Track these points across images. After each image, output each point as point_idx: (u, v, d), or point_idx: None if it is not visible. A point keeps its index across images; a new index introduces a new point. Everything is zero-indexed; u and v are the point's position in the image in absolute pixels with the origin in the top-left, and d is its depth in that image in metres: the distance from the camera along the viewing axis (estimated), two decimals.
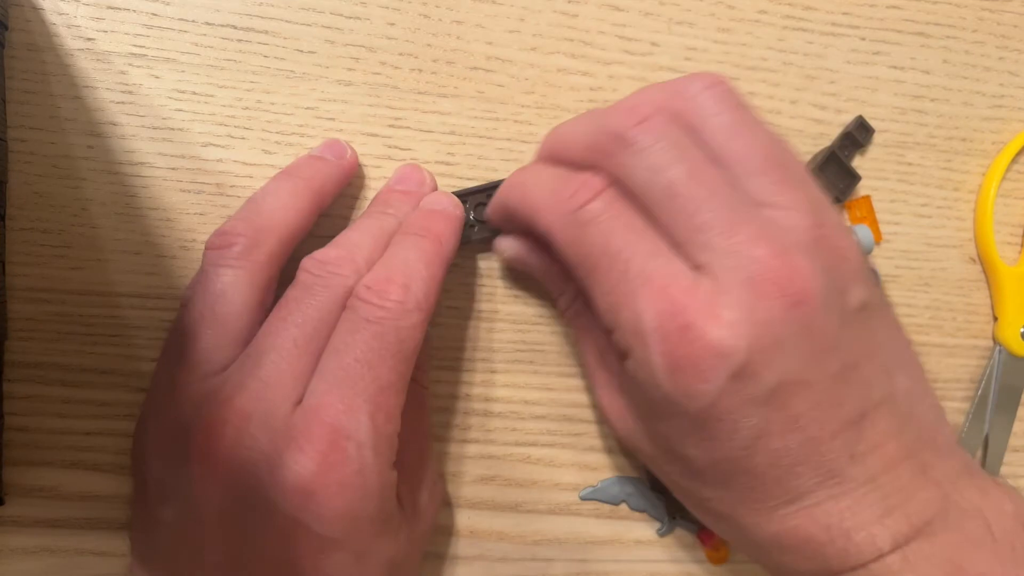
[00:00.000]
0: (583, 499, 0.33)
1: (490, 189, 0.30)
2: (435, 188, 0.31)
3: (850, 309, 0.24)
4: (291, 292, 0.26)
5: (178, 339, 0.27)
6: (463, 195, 0.30)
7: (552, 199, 0.26)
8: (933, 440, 0.25)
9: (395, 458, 0.25)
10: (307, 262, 0.26)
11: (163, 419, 0.26)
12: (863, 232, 0.33)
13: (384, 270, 0.26)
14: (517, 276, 0.32)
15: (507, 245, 0.30)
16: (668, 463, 0.27)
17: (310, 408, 0.24)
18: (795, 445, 0.23)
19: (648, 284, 0.23)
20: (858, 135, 0.34)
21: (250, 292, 0.26)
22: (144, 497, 0.27)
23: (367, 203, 0.31)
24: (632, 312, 0.23)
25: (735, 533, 0.26)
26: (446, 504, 0.32)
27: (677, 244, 0.24)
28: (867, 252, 0.33)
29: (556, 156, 0.28)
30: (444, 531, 0.32)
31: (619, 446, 0.33)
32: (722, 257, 0.23)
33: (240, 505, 0.24)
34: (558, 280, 0.30)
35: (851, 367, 0.24)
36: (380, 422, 0.24)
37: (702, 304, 0.22)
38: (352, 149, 0.30)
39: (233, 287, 0.26)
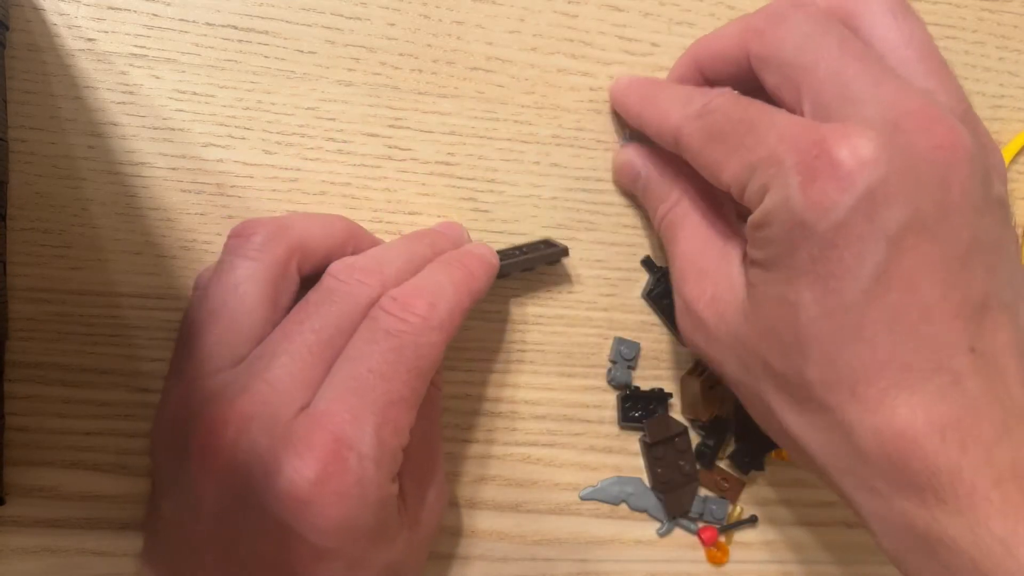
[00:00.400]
0: (583, 499, 0.33)
1: (520, 255, 0.31)
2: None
3: (992, 196, 0.23)
4: (312, 295, 0.26)
5: (189, 330, 0.26)
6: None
7: (681, 104, 0.28)
8: None
9: (397, 470, 0.25)
10: (335, 267, 0.26)
11: (169, 411, 0.26)
12: None
13: (412, 286, 0.25)
14: (517, 276, 0.32)
15: (624, 151, 0.32)
16: (768, 346, 0.24)
17: (315, 414, 0.23)
18: (915, 307, 0.22)
19: (782, 129, 0.23)
20: None
21: (265, 287, 0.25)
22: (152, 489, 0.27)
23: (365, 203, 0.31)
24: (768, 151, 0.23)
25: (829, 438, 0.23)
26: (449, 504, 0.32)
27: (820, 110, 0.24)
28: None
29: (701, 56, 0.29)
30: (444, 531, 0.32)
31: (619, 444, 0.33)
32: (869, 105, 0.23)
33: (236, 504, 0.23)
34: (662, 187, 0.30)
35: (982, 250, 0.22)
36: (386, 435, 0.23)
37: (838, 130, 0.22)
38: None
39: (248, 280, 0.25)
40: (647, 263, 0.33)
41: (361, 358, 0.24)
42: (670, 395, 0.33)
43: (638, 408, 0.33)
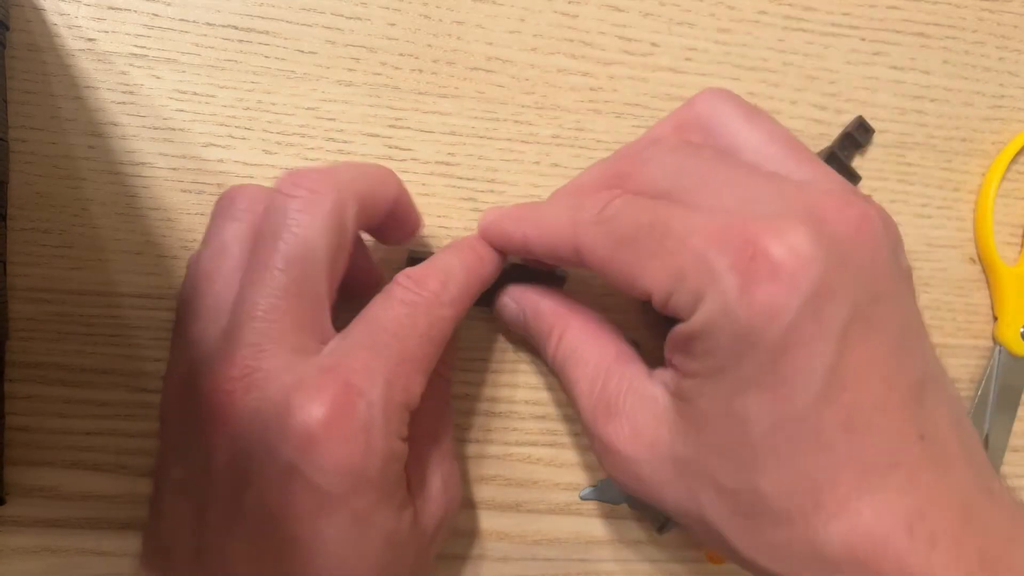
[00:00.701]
0: (583, 499, 0.33)
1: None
2: None
3: (903, 269, 0.23)
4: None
5: (185, 294, 0.26)
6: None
7: (571, 212, 0.25)
8: (983, 460, 0.23)
9: (406, 434, 0.25)
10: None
11: (175, 377, 0.26)
12: None
13: (425, 266, 0.26)
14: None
15: (500, 297, 0.30)
16: (716, 464, 0.23)
17: (327, 362, 0.23)
18: (867, 403, 0.21)
19: (703, 229, 0.22)
20: (858, 135, 0.34)
21: (249, 245, 0.26)
22: (159, 463, 0.26)
23: None
24: (694, 254, 0.22)
25: (791, 552, 0.22)
26: (460, 506, 0.32)
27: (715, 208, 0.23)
28: None
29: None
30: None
31: None
32: (772, 201, 0.22)
33: (246, 458, 0.23)
34: (540, 325, 0.29)
35: (909, 328, 0.22)
36: (396, 391, 0.24)
37: (768, 227, 0.21)
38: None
39: (234, 240, 0.26)
40: None
41: (375, 319, 0.24)
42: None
43: None
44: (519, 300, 0.30)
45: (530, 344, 0.33)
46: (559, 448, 0.33)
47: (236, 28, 0.30)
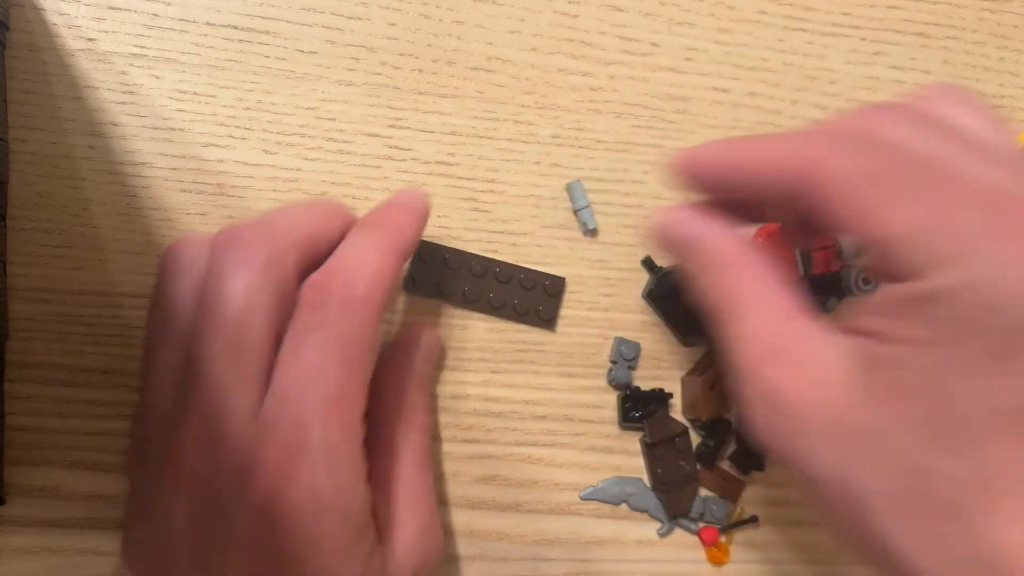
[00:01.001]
0: (583, 499, 0.33)
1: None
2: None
3: None
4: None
5: (143, 361, 0.26)
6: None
7: (811, 138, 0.23)
8: None
9: (363, 469, 0.24)
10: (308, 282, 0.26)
11: (137, 441, 0.26)
12: None
13: (326, 268, 0.25)
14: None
15: (667, 209, 0.27)
16: (907, 438, 0.21)
17: (264, 427, 0.23)
18: None
19: (975, 186, 0.20)
20: None
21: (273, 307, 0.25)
22: (126, 517, 0.27)
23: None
24: (961, 210, 0.20)
25: (950, 549, 0.20)
26: (445, 504, 0.32)
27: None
28: None
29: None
30: (447, 531, 0.32)
31: (619, 444, 0.33)
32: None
33: (207, 522, 0.24)
34: (717, 246, 0.25)
35: None
36: (333, 435, 0.23)
37: None
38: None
39: (180, 299, 0.25)
40: (647, 263, 0.33)
41: (292, 364, 0.23)
42: (670, 395, 0.33)
43: (638, 408, 0.33)
44: (693, 215, 0.26)
45: (530, 343, 0.33)
46: (559, 448, 0.33)
47: (236, 28, 0.30)
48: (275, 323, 0.24)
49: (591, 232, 0.33)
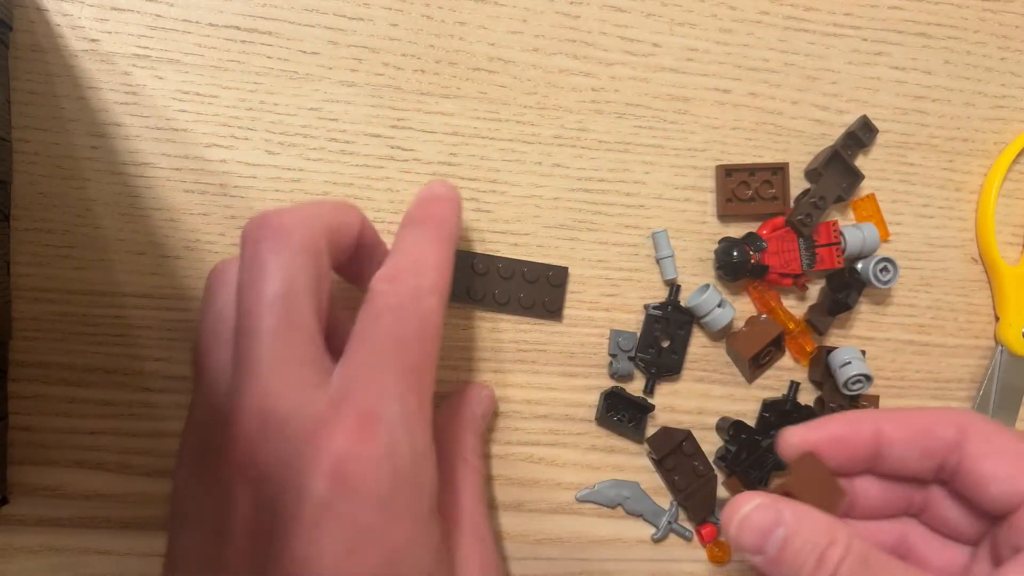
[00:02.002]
0: (579, 501, 0.33)
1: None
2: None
3: None
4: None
5: (194, 367, 0.26)
6: None
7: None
8: None
9: (434, 453, 0.24)
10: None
11: (189, 445, 0.25)
12: (869, 230, 0.33)
13: (394, 261, 0.25)
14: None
15: (748, 499, 0.25)
16: None
17: (336, 395, 0.23)
18: None
19: None
20: (861, 135, 0.34)
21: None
22: (170, 535, 0.25)
23: (368, 203, 0.31)
24: None
25: None
26: None
27: None
28: (873, 249, 0.33)
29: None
30: None
31: (621, 444, 0.33)
32: None
33: (270, 504, 0.22)
34: (817, 533, 0.24)
35: None
36: (411, 405, 0.23)
37: None
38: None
39: (227, 306, 0.25)
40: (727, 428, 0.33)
41: (368, 336, 0.24)
42: (653, 407, 0.33)
43: (619, 412, 0.33)
44: (780, 506, 0.24)
45: (531, 343, 0.33)
46: (560, 448, 0.33)
47: (239, 29, 0.30)
48: (316, 304, 0.24)
49: (670, 282, 0.33)
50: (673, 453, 0.33)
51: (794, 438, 0.27)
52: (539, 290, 0.32)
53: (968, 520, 0.27)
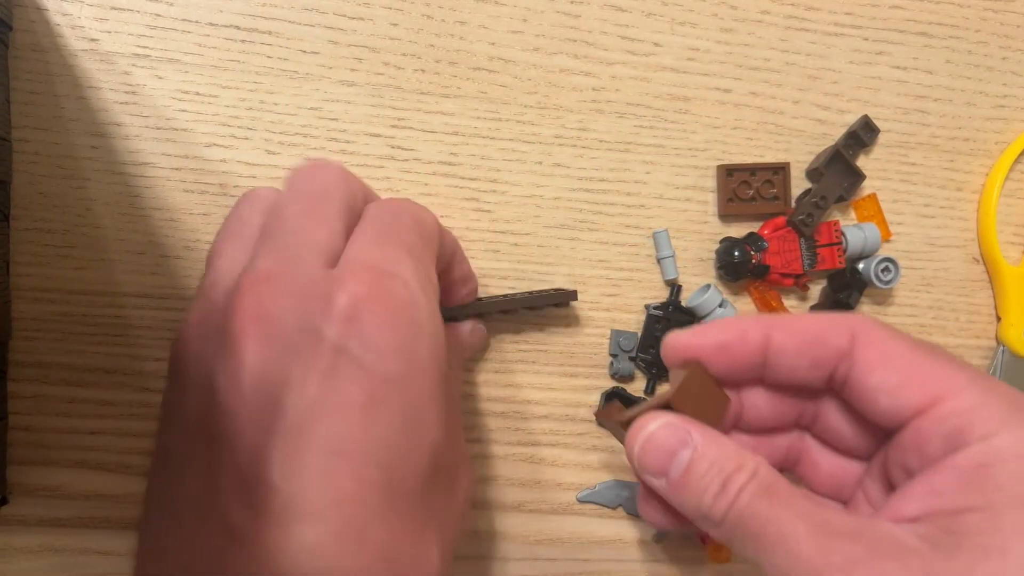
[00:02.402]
0: (580, 501, 0.33)
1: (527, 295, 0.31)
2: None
3: None
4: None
5: (207, 259, 0.26)
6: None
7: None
8: None
9: (440, 319, 0.24)
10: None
11: (197, 313, 0.24)
12: (871, 230, 0.33)
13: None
14: (520, 276, 0.32)
15: (652, 418, 0.24)
16: None
17: (352, 257, 0.23)
18: None
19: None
20: (863, 134, 0.34)
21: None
22: (166, 411, 0.24)
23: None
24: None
25: None
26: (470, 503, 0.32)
27: None
28: (875, 249, 0.33)
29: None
30: None
31: (622, 446, 0.33)
32: None
33: (283, 354, 0.21)
34: (726, 457, 0.23)
35: None
36: (423, 269, 0.23)
37: None
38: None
39: (254, 213, 0.25)
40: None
41: (377, 216, 0.25)
42: None
43: None
44: (688, 427, 0.24)
45: (532, 343, 0.33)
46: (561, 448, 0.33)
47: (239, 28, 0.30)
48: (347, 211, 0.24)
49: (671, 282, 0.33)
50: None
51: (679, 343, 0.25)
52: (544, 299, 0.31)
53: (860, 434, 0.25)
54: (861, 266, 0.33)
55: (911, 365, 0.23)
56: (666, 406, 0.24)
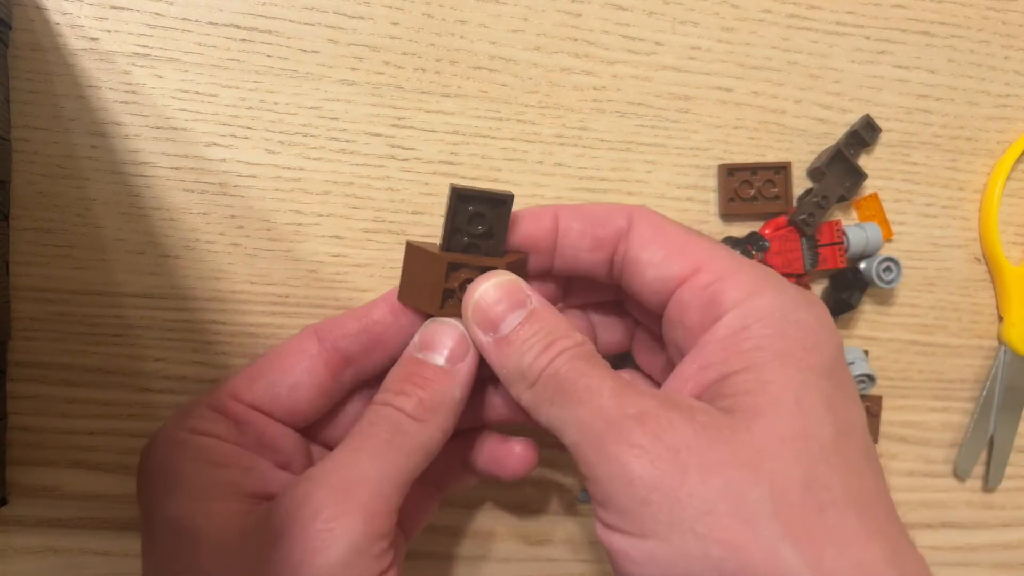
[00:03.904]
0: (581, 502, 0.33)
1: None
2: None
3: None
4: None
5: None
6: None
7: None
8: None
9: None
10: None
11: None
12: (872, 230, 0.33)
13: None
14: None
15: (497, 274, 0.25)
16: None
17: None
18: None
19: None
20: (864, 134, 0.34)
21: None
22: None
23: (368, 202, 0.31)
24: None
25: None
26: (450, 505, 0.32)
27: None
28: (876, 249, 0.33)
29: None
30: (448, 531, 0.32)
31: None
32: None
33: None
34: (559, 322, 0.24)
35: None
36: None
37: None
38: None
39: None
40: None
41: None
42: None
43: None
44: (530, 288, 0.25)
45: None
46: (562, 448, 0.33)
47: (239, 27, 0.30)
48: None
49: None
50: None
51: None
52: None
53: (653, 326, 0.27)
54: (863, 266, 0.33)
55: (676, 241, 0.25)
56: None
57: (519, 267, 0.26)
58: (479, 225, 0.25)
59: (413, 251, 0.25)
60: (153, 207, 0.30)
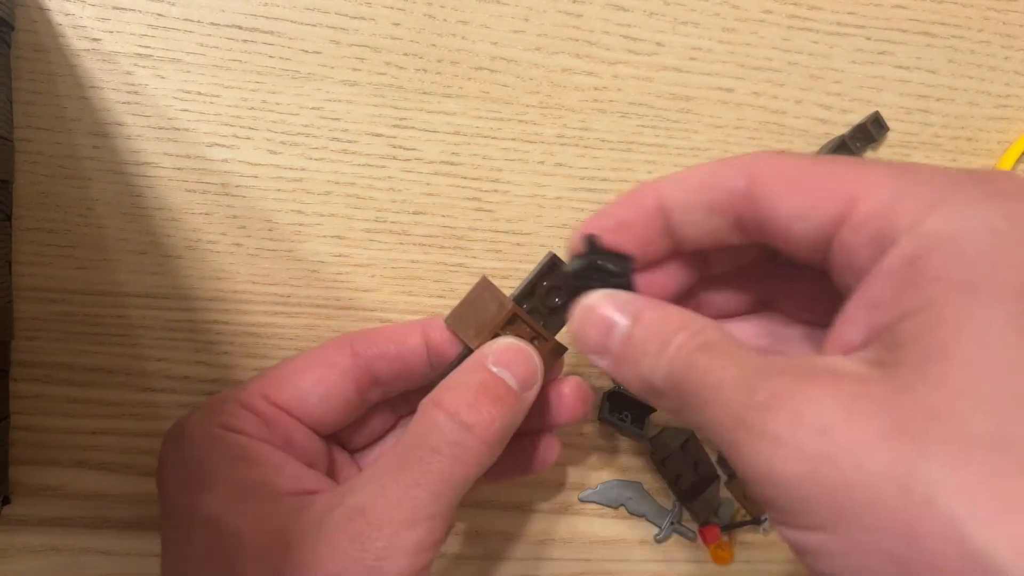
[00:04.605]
0: (582, 501, 0.33)
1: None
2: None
3: None
4: None
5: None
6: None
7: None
8: None
9: None
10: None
11: None
12: None
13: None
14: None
15: (591, 297, 0.23)
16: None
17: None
18: None
19: None
20: (872, 129, 0.34)
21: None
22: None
23: (370, 202, 0.31)
24: None
25: None
26: None
27: None
28: None
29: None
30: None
31: (624, 444, 0.33)
32: None
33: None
34: (665, 321, 0.21)
35: None
36: None
37: None
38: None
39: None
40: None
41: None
42: (655, 407, 0.32)
43: (622, 411, 0.32)
44: (624, 304, 0.22)
45: None
46: (564, 448, 0.33)
47: (240, 28, 0.30)
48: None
49: None
50: (676, 453, 0.32)
51: (582, 230, 0.24)
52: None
53: (811, 285, 0.22)
54: None
55: (814, 180, 0.20)
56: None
57: (559, 351, 0.27)
58: (555, 298, 0.26)
59: (486, 286, 0.26)
60: (155, 207, 0.30)
